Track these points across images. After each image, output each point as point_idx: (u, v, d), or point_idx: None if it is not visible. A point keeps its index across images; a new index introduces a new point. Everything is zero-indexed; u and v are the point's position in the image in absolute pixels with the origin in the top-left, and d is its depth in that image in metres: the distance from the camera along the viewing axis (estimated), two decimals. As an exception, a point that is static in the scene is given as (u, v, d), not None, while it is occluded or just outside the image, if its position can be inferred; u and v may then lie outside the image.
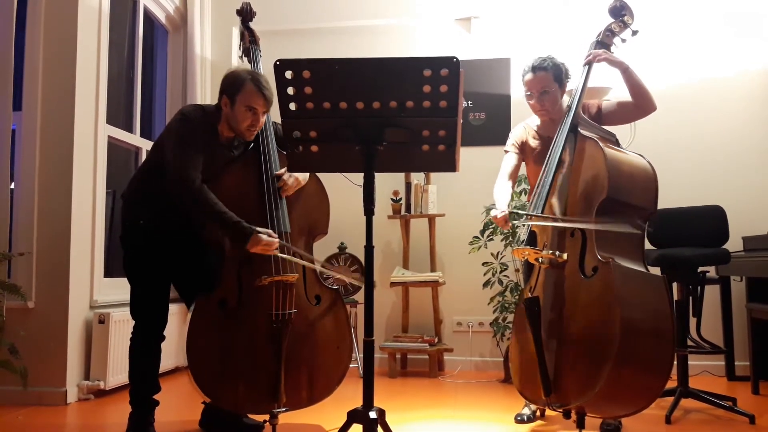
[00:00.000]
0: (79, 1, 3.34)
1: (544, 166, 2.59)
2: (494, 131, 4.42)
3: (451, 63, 1.78)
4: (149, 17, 4.39)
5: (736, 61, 4.27)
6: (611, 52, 2.77)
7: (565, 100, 2.79)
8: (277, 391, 2.42)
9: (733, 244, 3.44)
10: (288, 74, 1.83)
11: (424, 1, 4.61)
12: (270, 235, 2.40)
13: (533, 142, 2.86)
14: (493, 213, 2.67)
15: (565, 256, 2.41)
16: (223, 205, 2.40)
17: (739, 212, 3.83)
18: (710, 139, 4.26)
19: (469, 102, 4.50)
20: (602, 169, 2.34)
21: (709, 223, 3.20)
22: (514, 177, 2.88)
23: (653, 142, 4.26)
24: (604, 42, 2.75)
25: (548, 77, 2.68)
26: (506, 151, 2.92)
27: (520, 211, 2.71)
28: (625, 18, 2.74)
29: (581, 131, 2.53)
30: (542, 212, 2.49)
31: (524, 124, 2.93)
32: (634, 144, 4.00)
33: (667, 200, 3.61)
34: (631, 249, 2.36)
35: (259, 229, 2.39)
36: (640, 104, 2.68)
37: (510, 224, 2.66)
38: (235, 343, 2.50)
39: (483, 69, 4.49)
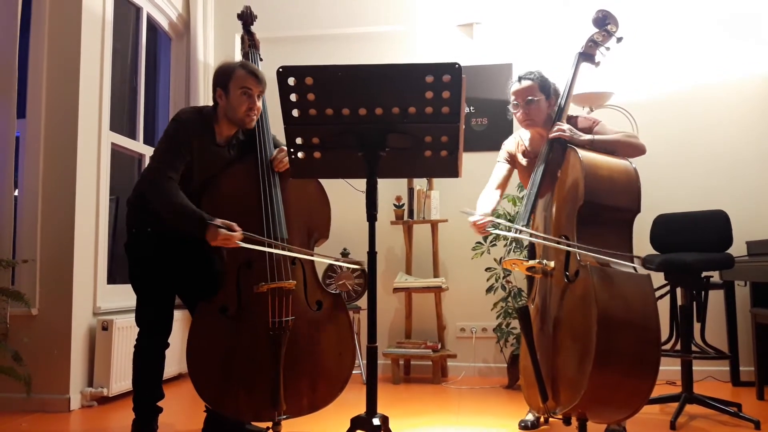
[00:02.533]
0: (83, 8, 3.36)
1: (531, 179, 2.63)
2: (496, 137, 4.37)
3: (453, 69, 1.79)
4: (152, 24, 4.41)
5: (740, 65, 4.26)
6: (596, 61, 2.76)
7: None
8: (276, 398, 2.41)
9: (737, 249, 3.43)
10: (291, 81, 1.84)
11: (426, 7, 4.63)
12: (231, 229, 2.34)
13: (522, 160, 2.87)
14: (472, 219, 2.65)
15: (552, 264, 2.44)
16: (185, 199, 2.38)
17: (742, 217, 3.82)
18: (714, 144, 4.25)
19: (472, 108, 4.50)
20: (579, 175, 2.37)
21: (712, 227, 3.19)
22: (503, 187, 2.91)
23: (656, 147, 4.25)
24: (587, 53, 2.75)
25: (534, 86, 2.68)
26: (498, 161, 2.95)
27: (502, 221, 2.72)
28: (609, 27, 2.73)
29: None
30: (527, 224, 2.51)
31: (517, 136, 2.94)
32: (637, 149, 4.01)
33: (670, 205, 3.63)
34: (616, 251, 2.38)
35: (217, 222, 2.34)
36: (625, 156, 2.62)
37: (488, 231, 2.66)
38: (235, 350, 2.49)
39: (485, 75, 4.49)
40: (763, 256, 3.51)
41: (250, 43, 2.90)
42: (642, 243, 3.20)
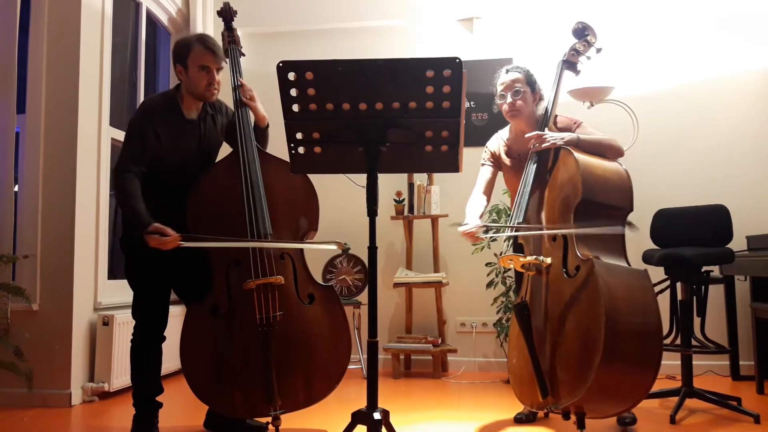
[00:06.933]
0: (82, 3, 3.35)
1: (522, 178, 2.67)
2: (497, 131, 4.39)
3: (453, 64, 1.78)
4: (152, 19, 4.40)
5: (740, 61, 4.25)
6: (578, 70, 2.83)
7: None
8: (270, 393, 2.41)
9: (737, 244, 3.43)
10: (291, 76, 1.84)
11: (427, 2, 4.61)
12: (164, 234, 2.32)
13: (506, 159, 2.90)
14: (461, 229, 2.68)
15: (548, 260, 2.49)
16: (137, 200, 2.40)
17: (743, 211, 3.82)
18: (714, 139, 4.24)
19: (472, 102, 4.50)
20: (576, 174, 2.44)
21: (712, 222, 3.19)
22: (489, 191, 2.94)
23: (657, 142, 4.26)
24: (570, 61, 2.84)
25: (521, 78, 2.79)
26: (482, 164, 2.98)
27: (491, 224, 2.74)
28: (589, 38, 2.82)
29: None
30: (522, 222, 2.56)
31: (498, 137, 2.98)
32: (637, 144, 4.00)
33: (670, 200, 3.63)
34: (611, 246, 2.46)
35: (152, 228, 2.32)
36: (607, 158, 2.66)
37: (481, 238, 2.72)
38: (228, 348, 2.49)
39: (485, 69, 4.46)
40: (764, 251, 3.51)
41: (230, 39, 2.88)
42: (642, 237, 3.20)
